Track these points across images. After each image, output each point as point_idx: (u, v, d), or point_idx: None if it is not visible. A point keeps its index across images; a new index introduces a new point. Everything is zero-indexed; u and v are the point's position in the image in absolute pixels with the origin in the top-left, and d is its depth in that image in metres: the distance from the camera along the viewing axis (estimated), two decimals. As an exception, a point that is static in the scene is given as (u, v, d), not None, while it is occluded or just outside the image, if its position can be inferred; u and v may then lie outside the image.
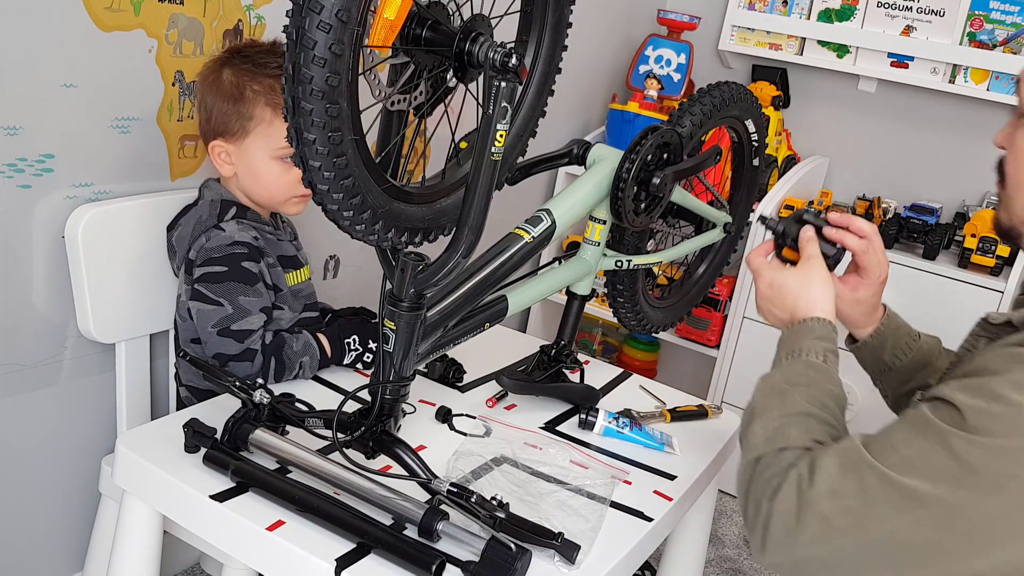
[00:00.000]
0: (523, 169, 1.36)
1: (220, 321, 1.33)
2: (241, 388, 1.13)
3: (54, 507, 1.53)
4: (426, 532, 0.99)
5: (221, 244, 1.35)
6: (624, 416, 1.39)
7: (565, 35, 1.17)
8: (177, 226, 1.43)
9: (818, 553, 0.84)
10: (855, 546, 0.82)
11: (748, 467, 0.93)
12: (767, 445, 0.92)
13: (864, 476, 0.82)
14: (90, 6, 1.28)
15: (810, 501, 0.83)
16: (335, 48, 0.81)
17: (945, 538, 0.79)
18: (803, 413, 0.94)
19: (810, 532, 0.83)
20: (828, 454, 0.86)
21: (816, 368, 0.99)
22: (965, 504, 0.78)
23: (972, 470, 0.77)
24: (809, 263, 1.12)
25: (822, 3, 2.47)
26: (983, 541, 0.78)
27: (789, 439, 0.91)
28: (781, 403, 0.96)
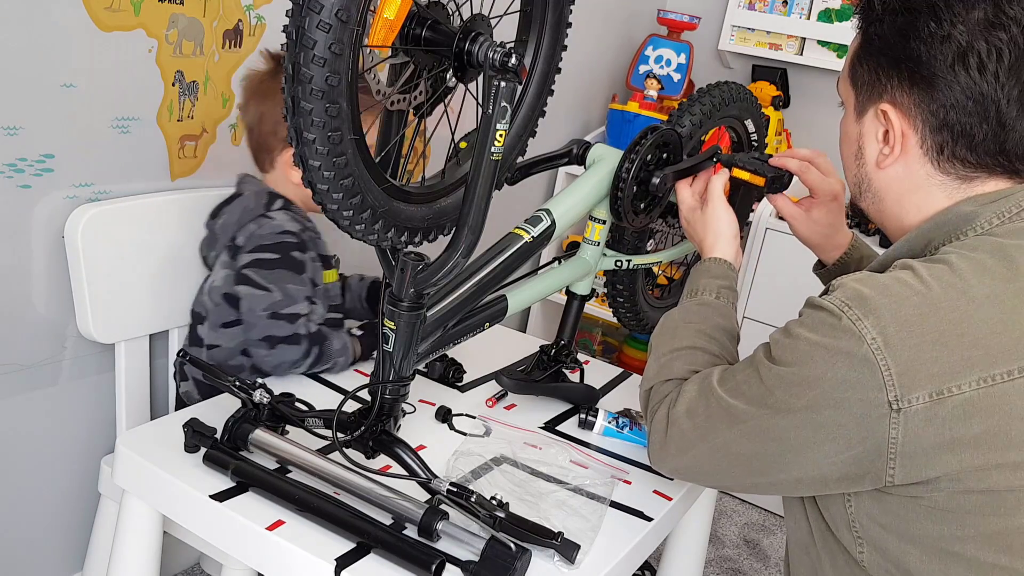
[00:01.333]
0: (523, 169, 1.36)
1: (270, 306, 1.37)
2: (241, 388, 1.13)
3: (54, 507, 1.54)
4: (426, 532, 0.99)
5: (272, 231, 1.40)
6: (624, 416, 1.39)
7: (565, 35, 1.17)
8: (221, 214, 1.47)
9: (683, 462, 1.00)
10: (704, 455, 0.97)
11: (643, 396, 1.10)
12: (656, 377, 1.08)
13: (709, 398, 0.97)
14: (90, 6, 1.29)
15: (673, 420, 1.00)
16: (335, 48, 0.81)
17: (760, 448, 0.92)
18: (689, 347, 1.08)
19: (674, 444, 1.00)
20: (691, 381, 1.01)
21: (708, 305, 1.12)
22: (767, 421, 0.90)
23: (771, 392, 0.90)
24: (710, 203, 1.23)
25: (822, 3, 2.48)
26: (786, 452, 0.90)
27: (672, 371, 1.06)
28: (671, 340, 1.10)
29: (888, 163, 0.95)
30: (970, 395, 0.81)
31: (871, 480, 0.86)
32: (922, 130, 0.91)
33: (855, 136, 0.99)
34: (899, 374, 0.82)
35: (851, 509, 0.91)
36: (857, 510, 0.90)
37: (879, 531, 0.89)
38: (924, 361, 0.82)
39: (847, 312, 0.84)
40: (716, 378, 0.97)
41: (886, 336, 0.82)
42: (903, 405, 0.82)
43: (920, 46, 0.88)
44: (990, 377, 0.81)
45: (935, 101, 0.89)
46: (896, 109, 0.92)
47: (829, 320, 0.86)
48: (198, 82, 1.49)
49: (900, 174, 0.95)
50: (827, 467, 0.88)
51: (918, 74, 0.89)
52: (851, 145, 1.00)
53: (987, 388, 0.81)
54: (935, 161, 0.92)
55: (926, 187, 0.94)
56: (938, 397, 0.81)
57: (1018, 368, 0.81)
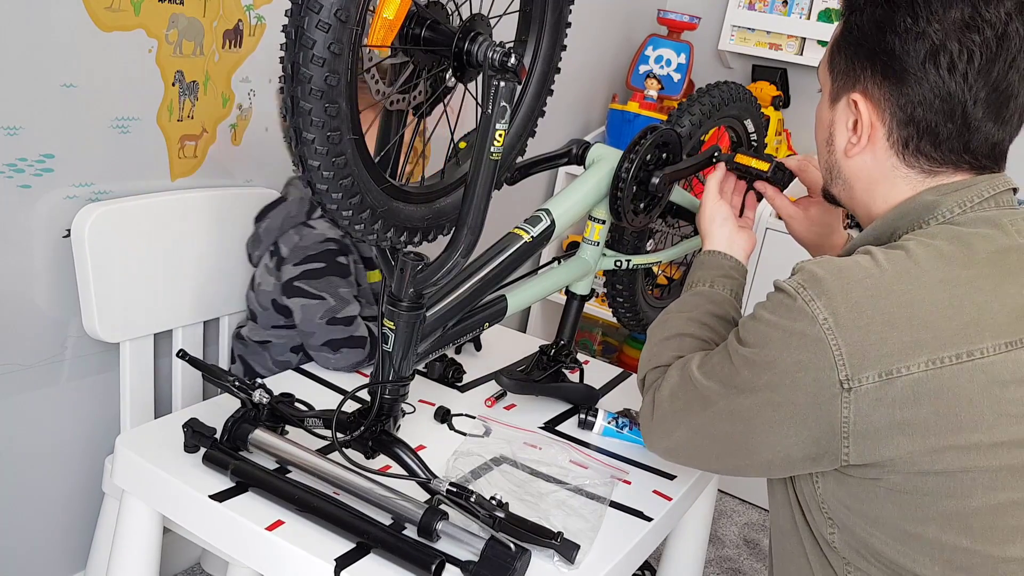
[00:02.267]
0: (522, 169, 1.36)
1: (326, 312, 1.42)
2: (240, 388, 1.13)
3: (57, 506, 1.54)
4: (425, 532, 0.99)
5: (315, 241, 1.45)
6: (623, 416, 1.39)
7: (564, 35, 1.17)
8: (265, 218, 1.51)
9: (669, 443, 1.03)
10: (686, 438, 1.00)
11: (639, 385, 1.12)
12: (646, 365, 1.11)
13: (687, 382, 0.99)
14: (90, 6, 1.29)
15: (658, 403, 1.03)
16: (334, 48, 0.81)
17: (729, 429, 0.94)
18: (677, 335, 1.10)
19: (660, 427, 1.03)
20: (675, 366, 1.04)
21: (700, 294, 1.15)
22: (733, 402, 0.93)
23: (736, 372, 0.93)
24: (705, 200, 1.25)
25: (822, 3, 2.47)
26: (752, 432, 0.92)
27: (660, 359, 1.09)
28: (661, 329, 1.13)
29: (855, 152, 0.96)
30: (918, 376, 0.82)
31: (829, 460, 0.88)
32: (889, 123, 0.93)
33: (827, 122, 1.00)
34: (849, 354, 0.83)
35: (819, 491, 0.93)
36: (824, 492, 0.92)
37: (846, 513, 0.91)
38: (873, 342, 0.83)
39: (801, 293, 0.87)
40: (696, 362, 1.00)
41: (837, 316, 0.84)
42: (853, 385, 0.83)
43: (895, 40, 0.89)
44: (938, 359, 0.82)
45: (904, 96, 0.90)
46: (866, 100, 0.94)
47: (786, 301, 0.88)
48: (198, 82, 1.49)
49: (867, 163, 0.96)
50: (791, 447, 0.89)
51: (890, 68, 0.90)
52: (823, 131, 1.01)
53: (935, 370, 0.82)
54: (900, 154, 0.93)
55: (891, 178, 0.95)
56: (887, 377, 0.83)
57: (967, 352, 0.83)
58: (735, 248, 1.20)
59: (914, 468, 0.84)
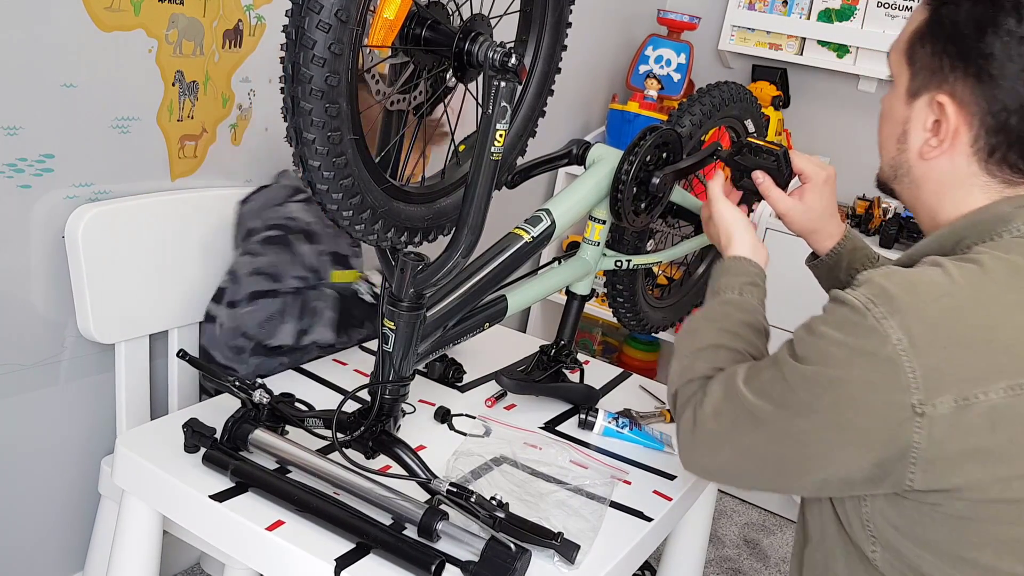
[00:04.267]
0: (523, 172, 1.36)
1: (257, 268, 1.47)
2: (241, 388, 1.13)
3: (54, 508, 1.53)
4: (426, 532, 0.99)
5: (281, 216, 1.50)
6: (624, 416, 1.39)
7: (565, 35, 1.17)
8: (248, 201, 1.55)
9: (712, 464, 0.96)
10: (733, 457, 0.93)
11: (670, 400, 1.05)
12: (680, 379, 1.04)
13: (734, 399, 0.92)
14: (90, 6, 1.28)
15: (700, 421, 0.95)
16: (334, 48, 0.81)
17: (785, 451, 0.88)
18: (711, 346, 1.03)
19: (702, 447, 0.96)
20: (716, 380, 0.97)
21: (730, 302, 1.07)
22: (789, 423, 0.87)
23: (793, 392, 0.86)
24: (713, 205, 1.19)
25: (822, 3, 2.47)
26: (810, 455, 0.87)
27: (696, 371, 1.02)
28: (692, 340, 1.05)
29: (934, 155, 0.91)
30: (996, 402, 0.78)
31: (891, 483, 0.84)
32: (977, 129, 0.88)
33: (901, 118, 0.94)
34: (924, 377, 0.79)
35: (866, 510, 0.89)
36: (872, 511, 0.89)
37: (893, 533, 0.87)
38: (951, 364, 0.79)
39: (872, 310, 0.81)
40: (741, 377, 0.94)
41: (912, 337, 0.79)
42: (927, 409, 0.79)
43: (996, 42, 0.83)
44: (1018, 385, 0.79)
45: (998, 102, 0.85)
46: (954, 103, 0.88)
47: (853, 318, 0.83)
48: (198, 82, 1.49)
49: (943, 167, 0.91)
50: (851, 470, 0.85)
51: (986, 71, 0.85)
52: (894, 126, 0.95)
53: (1015, 396, 0.78)
54: (983, 162, 0.89)
55: (968, 185, 0.90)
56: (964, 403, 0.79)
57: None
58: (759, 255, 1.14)
59: (981, 496, 0.81)
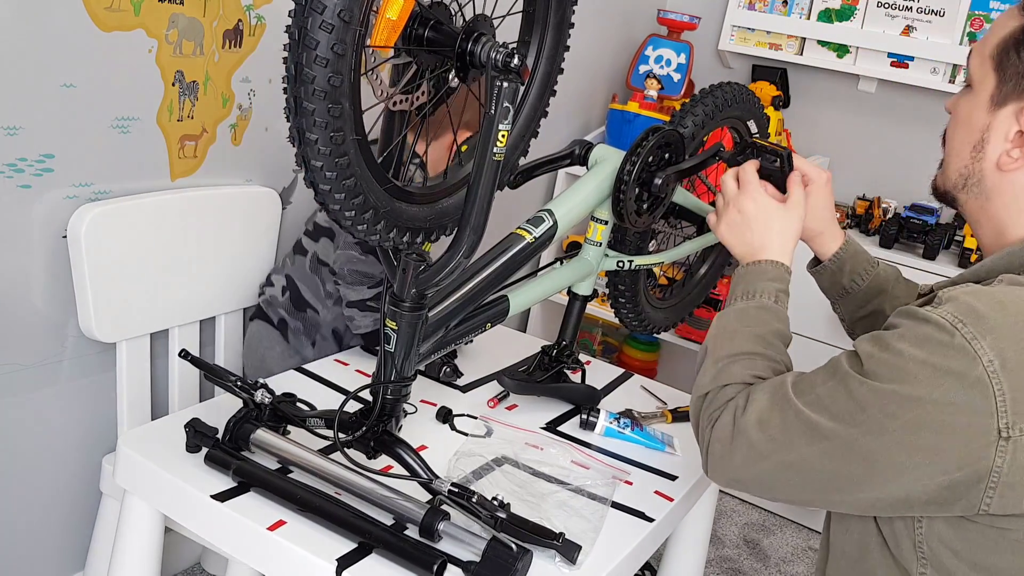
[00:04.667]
0: (525, 172, 1.36)
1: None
2: (242, 388, 1.13)
3: (55, 506, 1.53)
4: (427, 532, 0.99)
5: None
6: (625, 416, 1.39)
7: (567, 35, 1.17)
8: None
9: (747, 474, 0.92)
10: (775, 469, 0.89)
11: (698, 401, 1.00)
12: (713, 382, 0.99)
13: (785, 410, 0.89)
14: (90, 6, 1.28)
15: (741, 429, 0.91)
16: (337, 48, 0.81)
17: (842, 468, 0.85)
18: (748, 352, 0.99)
19: (740, 455, 0.91)
20: (761, 388, 0.93)
21: (767, 309, 1.04)
22: (856, 440, 0.84)
23: (862, 409, 0.83)
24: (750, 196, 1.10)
25: (822, 3, 2.48)
26: (873, 474, 0.84)
27: (732, 376, 0.98)
28: (730, 343, 1.01)
29: (1013, 167, 0.90)
30: None
31: (962, 507, 0.82)
32: None
33: (980, 126, 0.93)
34: (1014, 400, 0.77)
35: (921, 530, 0.87)
36: (928, 533, 0.86)
37: (949, 556, 0.85)
38: None
39: (961, 329, 0.79)
40: (791, 388, 0.90)
41: (1004, 358, 0.77)
42: (1013, 433, 0.77)
43: None
44: None
45: None
46: None
47: (939, 336, 0.80)
48: (198, 82, 1.49)
49: (1021, 182, 0.90)
50: (916, 491, 0.83)
51: None
52: (972, 133, 0.94)
53: None
54: None
55: None
56: None
57: None
58: (787, 252, 1.10)
59: None
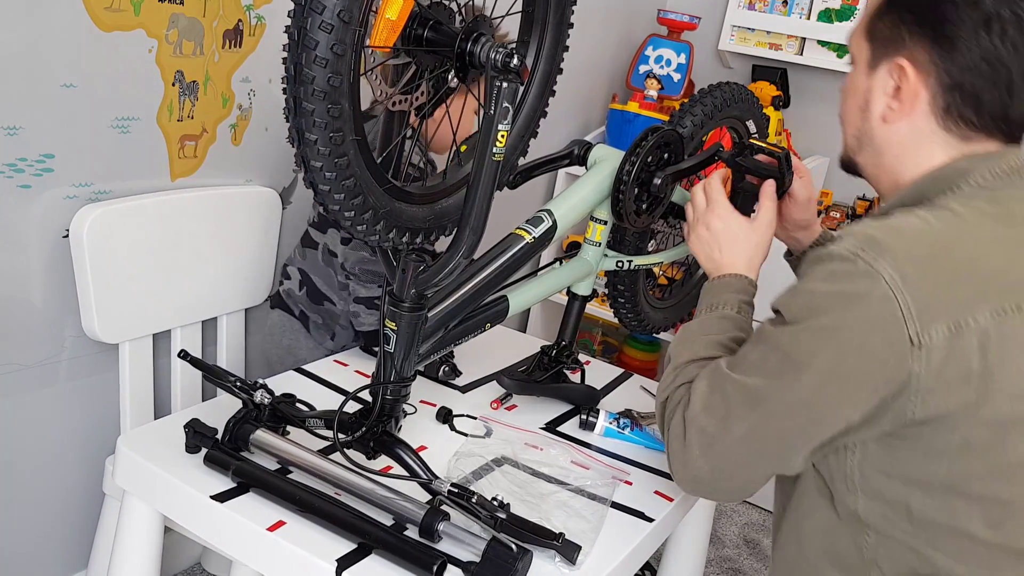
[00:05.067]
0: (524, 172, 1.36)
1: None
2: (242, 388, 1.13)
3: (58, 507, 1.54)
4: (427, 532, 0.99)
5: None
6: (625, 416, 1.38)
7: (567, 35, 1.17)
8: None
9: (709, 462, 0.95)
10: (731, 449, 0.94)
11: (659, 409, 1.06)
12: (669, 387, 1.04)
13: (724, 387, 0.94)
14: (90, 6, 1.28)
15: (690, 420, 0.96)
16: (337, 48, 0.81)
17: (787, 423, 0.90)
18: (705, 357, 1.05)
19: (695, 446, 0.96)
20: (700, 378, 0.99)
21: (728, 318, 1.09)
22: (790, 388, 0.89)
23: (788, 356, 0.90)
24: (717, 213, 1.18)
25: (822, 3, 2.47)
26: (817, 416, 0.89)
27: (686, 377, 1.03)
28: (689, 350, 1.07)
29: (895, 118, 0.97)
30: (986, 326, 0.85)
31: (891, 419, 0.88)
32: (934, 88, 0.94)
33: (863, 89, 1.01)
34: (918, 310, 0.84)
35: (853, 461, 0.93)
36: (862, 460, 0.92)
37: (881, 479, 0.91)
38: (941, 296, 0.85)
39: (862, 255, 0.86)
40: (726, 367, 0.96)
41: (903, 274, 0.85)
42: (924, 340, 0.84)
43: (949, 7, 0.91)
44: (1002, 309, 0.86)
45: (953, 62, 0.92)
46: (913, 66, 0.94)
47: (843, 267, 0.87)
48: (198, 82, 1.49)
49: (904, 130, 0.97)
50: (855, 418, 0.89)
51: (942, 34, 0.92)
52: (858, 99, 1.02)
53: (1000, 319, 0.85)
54: (941, 119, 0.95)
55: (928, 143, 0.96)
56: (956, 329, 0.84)
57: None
58: (754, 268, 1.15)
59: (974, 419, 0.86)
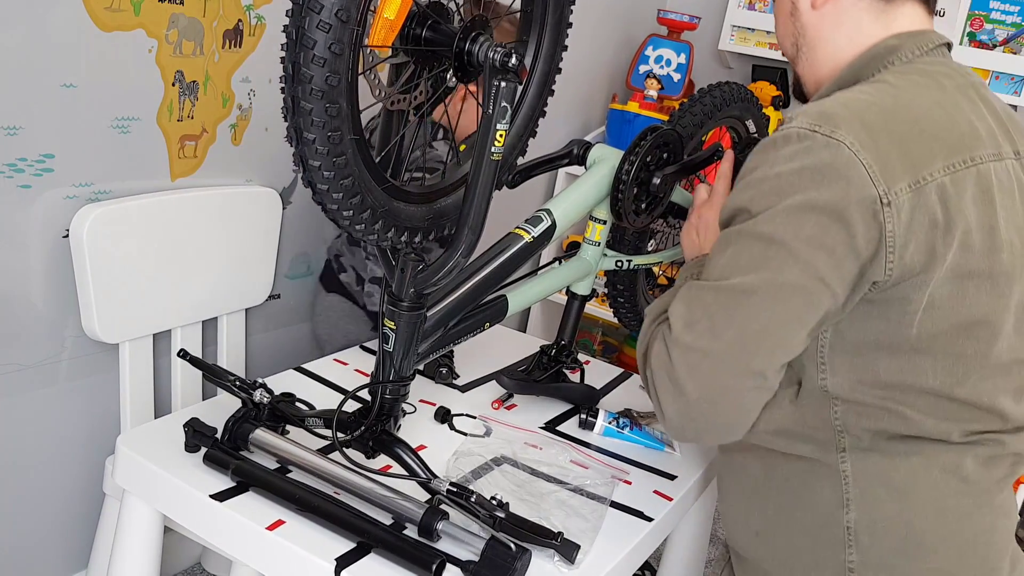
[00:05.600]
0: (523, 171, 1.36)
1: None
2: (241, 387, 1.13)
3: (58, 506, 1.54)
4: (426, 532, 0.99)
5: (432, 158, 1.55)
6: (624, 416, 1.39)
7: (565, 35, 1.17)
8: None
9: (697, 388, 0.92)
10: (722, 359, 0.91)
11: (640, 361, 1.04)
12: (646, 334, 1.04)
13: (703, 298, 0.93)
14: (90, 6, 1.28)
15: (674, 342, 0.94)
16: (335, 48, 0.81)
17: (781, 311, 0.89)
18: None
19: (683, 367, 0.92)
20: (674, 304, 0.97)
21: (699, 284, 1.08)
22: (778, 275, 0.89)
23: (768, 243, 0.89)
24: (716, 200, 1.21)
25: (822, 3, 2.47)
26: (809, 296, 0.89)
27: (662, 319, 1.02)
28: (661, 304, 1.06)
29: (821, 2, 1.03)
30: (941, 180, 0.89)
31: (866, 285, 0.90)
32: None
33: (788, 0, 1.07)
34: (881, 170, 0.87)
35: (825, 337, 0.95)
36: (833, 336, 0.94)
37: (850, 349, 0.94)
38: (897, 156, 0.89)
39: (818, 129, 0.89)
40: (699, 280, 0.95)
41: (861, 140, 0.88)
42: (892, 198, 0.87)
43: None
44: (951, 164, 0.90)
45: None
46: None
47: (801, 145, 0.89)
48: (198, 82, 1.49)
49: (830, 10, 1.03)
50: (841, 291, 0.90)
51: None
52: (785, 5, 1.07)
53: (952, 174, 0.90)
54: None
55: (855, 16, 1.01)
56: (917, 185, 0.88)
57: (970, 157, 0.91)
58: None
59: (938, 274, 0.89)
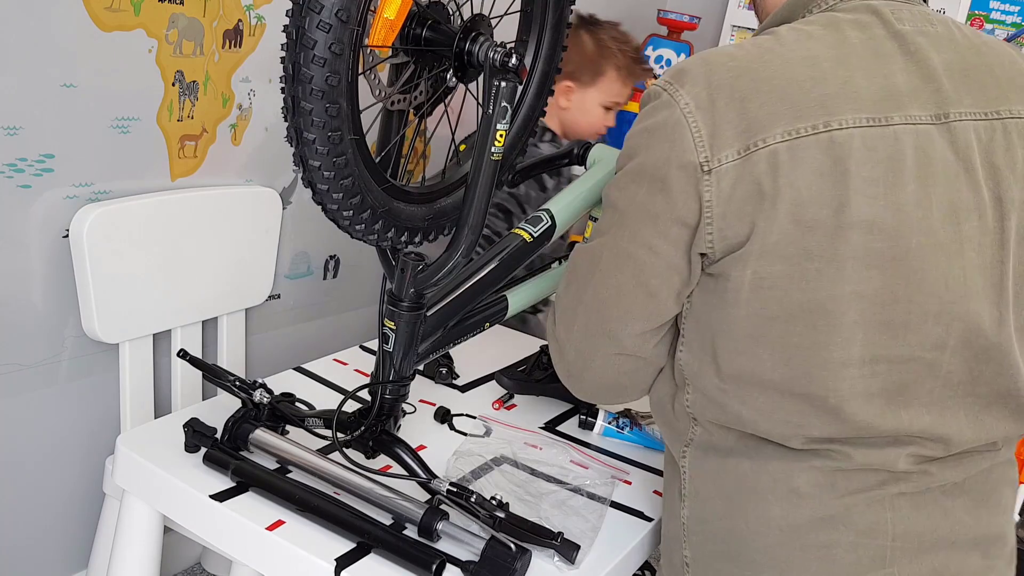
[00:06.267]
0: (523, 171, 1.36)
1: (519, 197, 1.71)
2: (241, 387, 1.13)
3: (58, 506, 1.54)
4: (426, 532, 0.99)
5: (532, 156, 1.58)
6: (624, 416, 1.39)
7: (565, 35, 1.17)
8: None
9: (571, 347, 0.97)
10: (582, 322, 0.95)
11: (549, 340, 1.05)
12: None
13: (575, 260, 0.97)
14: (90, 6, 1.29)
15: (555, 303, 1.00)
16: (335, 48, 0.81)
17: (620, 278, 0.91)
18: None
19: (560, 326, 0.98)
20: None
21: None
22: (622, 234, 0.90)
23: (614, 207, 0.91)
24: None
25: (822, 3, 2.47)
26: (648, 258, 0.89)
27: None
28: None
29: None
30: (775, 147, 0.82)
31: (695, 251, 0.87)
32: None
33: None
34: (709, 134, 0.84)
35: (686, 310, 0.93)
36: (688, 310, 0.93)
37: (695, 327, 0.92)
38: (732, 119, 0.84)
39: (667, 87, 0.88)
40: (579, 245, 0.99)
41: (698, 100, 0.85)
42: (713, 165, 0.84)
43: None
44: (794, 131, 0.82)
45: None
46: None
47: (652, 103, 0.89)
48: (198, 82, 1.49)
49: None
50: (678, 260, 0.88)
51: None
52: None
53: (791, 141, 0.82)
54: None
55: None
56: (746, 152, 0.83)
57: (823, 123, 0.82)
58: None
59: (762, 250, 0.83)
